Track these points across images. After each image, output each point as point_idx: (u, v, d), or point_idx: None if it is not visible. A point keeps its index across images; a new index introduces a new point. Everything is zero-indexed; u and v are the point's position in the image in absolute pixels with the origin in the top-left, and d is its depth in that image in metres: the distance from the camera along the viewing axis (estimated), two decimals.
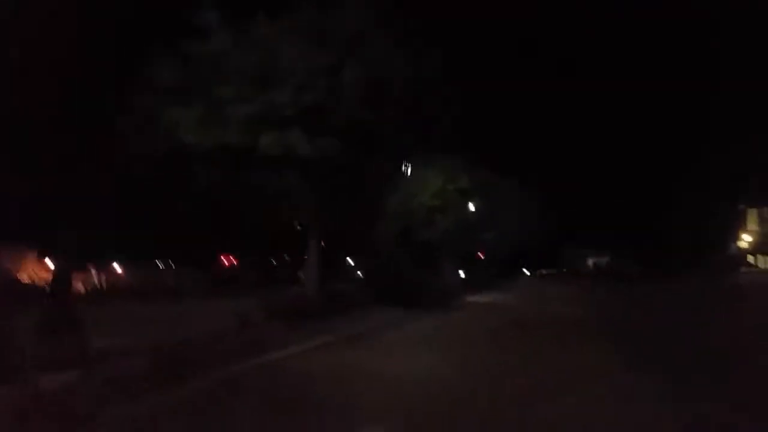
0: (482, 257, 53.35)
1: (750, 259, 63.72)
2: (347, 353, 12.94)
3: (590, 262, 75.37)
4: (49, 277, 50.95)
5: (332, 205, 17.58)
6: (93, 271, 56.04)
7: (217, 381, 9.47)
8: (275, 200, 17.60)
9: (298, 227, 21.89)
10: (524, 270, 79.42)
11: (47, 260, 53.41)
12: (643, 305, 26.79)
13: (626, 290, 38.39)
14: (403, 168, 24.14)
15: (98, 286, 54.74)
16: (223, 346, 12.55)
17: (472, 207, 34.80)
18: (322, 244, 19.44)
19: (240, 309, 16.21)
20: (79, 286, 53.38)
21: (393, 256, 25.73)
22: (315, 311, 17.20)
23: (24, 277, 49.27)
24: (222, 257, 68.48)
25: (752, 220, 64.07)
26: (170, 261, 63.16)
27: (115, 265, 58.41)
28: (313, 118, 15.00)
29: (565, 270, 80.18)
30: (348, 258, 78.79)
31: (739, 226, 64.95)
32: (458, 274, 39.45)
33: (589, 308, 25.04)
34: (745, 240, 64.43)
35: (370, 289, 23.20)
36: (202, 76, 15.04)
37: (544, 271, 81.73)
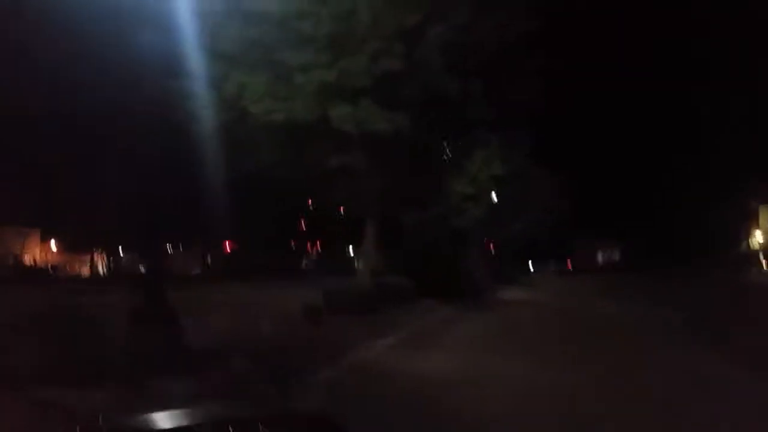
0: (492, 250, 52.08)
1: (762, 257, 62.90)
2: (434, 354, 11.83)
3: (600, 256, 74.38)
4: (54, 259, 49.69)
5: (397, 188, 16.05)
6: (98, 257, 54.71)
7: (322, 387, 8.34)
8: (332, 181, 16.12)
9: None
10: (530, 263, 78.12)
11: (51, 242, 52.09)
12: (682, 303, 25.51)
13: (647, 287, 37.25)
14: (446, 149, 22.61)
15: (103, 272, 53.61)
16: (303, 343, 11.34)
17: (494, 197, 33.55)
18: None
19: (306, 301, 15.11)
20: (83, 270, 52.25)
21: (435, 247, 24.35)
22: (374, 304, 15.98)
23: (28, 259, 48.02)
24: (226, 243, 67.09)
25: (765, 218, 63.25)
26: (172, 245, 61.68)
27: (120, 249, 57.00)
28: (388, 88, 13.54)
29: (569, 264, 79.12)
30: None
31: (752, 224, 64.23)
32: (484, 267, 38.18)
33: (634, 306, 23.87)
34: (758, 238, 63.65)
35: (411, 280, 21.78)
36: (268, 40, 13.54)
37: (552, 266, 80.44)
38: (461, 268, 25.50)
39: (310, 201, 47.48)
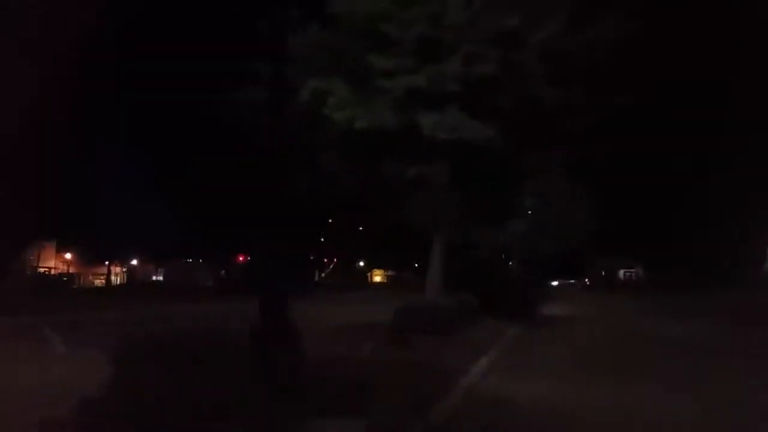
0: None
1: None
2: (535, 379, 10.74)
3: (621, 273, 73.24)
4: (68, 269, 48.91)
5: (474, 203, 15.02)
6: (111, 268, 53.82)
7: (457, 421, 7.52)
8: (402, 194, 15.12)
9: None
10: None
11: (67, 254, 51.29)
12: (721, 321, 24.52)
13: (677, 303, 36.31)
14: None
15: (120, 282, 52.65)
16: (401, 369, 10.35)
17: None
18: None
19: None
20: (98, 281, 51.37)
21: (489, 264, 23.42)
22: (448, 324, 15.01)
23: (44, 269, 47.17)
24: (239, 256, 66.25)
25: None
26: (186, 258, 60.78)
27: (134, 261, 56.14)
28: (479, 95, 12.63)
29: (587, 280, 78.05)
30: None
31: None
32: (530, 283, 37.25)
33: (676, 322, 22.99)
34: None
35: (472, 297, 20.77)
36: (349, 43, 12.68)
37: (571, 281, 79.48)
38: (513, 285, 24.63)
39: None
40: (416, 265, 75.51)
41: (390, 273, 75.50)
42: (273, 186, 14.57)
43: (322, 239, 60.72)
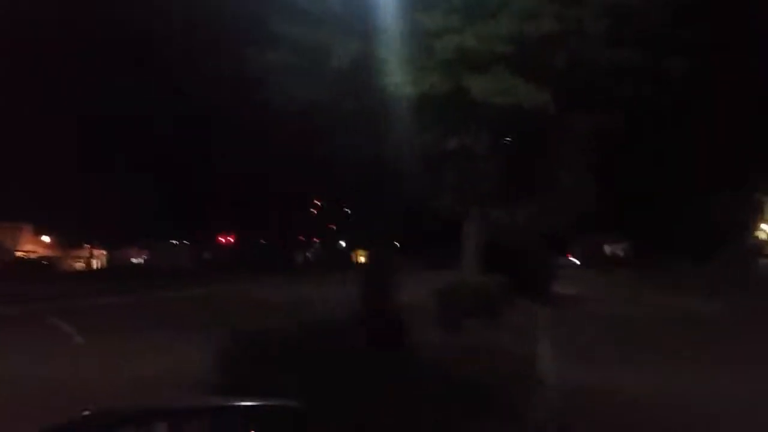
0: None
1: None
2: (604, 366, 9.99)
3: (607, 249, 72.72)
4: (46, 252, 46.91)
5: (515, 176, 14.04)
6: (91, 251, 52.06)
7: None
8: (440, 167, 14.10)
9: None
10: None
11: (44, 237, 49.37)
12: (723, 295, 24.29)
13: (670, 279, 36.13)
14: None
15: (97, 265, 50.99)
16: (475, 356, 9.46)
17: None
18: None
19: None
20: (78, 265, 49.65)
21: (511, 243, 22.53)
22: (490, 306, 14.18)
23: (21, 253, 45.36)
24: (220, 237, 64.71)
25: None
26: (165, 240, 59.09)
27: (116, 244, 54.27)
28: (533, 56, 11.64)
29: (572, 258, 77.76)
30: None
31: (758, 216, 63.62)
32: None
33: (686, 299, 22.87)
34: (765, 230, 63.09)
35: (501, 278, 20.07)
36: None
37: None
38: (539, 264, 23.93)
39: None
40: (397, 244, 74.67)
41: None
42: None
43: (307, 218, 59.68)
